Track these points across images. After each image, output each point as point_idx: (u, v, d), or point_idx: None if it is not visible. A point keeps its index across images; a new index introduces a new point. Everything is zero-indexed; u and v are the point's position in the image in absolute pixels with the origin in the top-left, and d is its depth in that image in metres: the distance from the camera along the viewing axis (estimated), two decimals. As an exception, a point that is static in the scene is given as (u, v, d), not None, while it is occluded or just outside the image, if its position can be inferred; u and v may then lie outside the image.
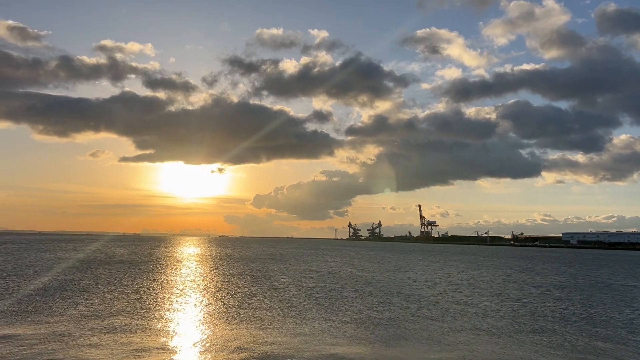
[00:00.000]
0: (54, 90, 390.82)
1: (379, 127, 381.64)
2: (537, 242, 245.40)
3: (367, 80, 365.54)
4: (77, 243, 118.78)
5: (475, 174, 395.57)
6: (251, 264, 50.43)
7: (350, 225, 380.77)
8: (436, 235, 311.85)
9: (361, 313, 19.86)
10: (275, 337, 14.58)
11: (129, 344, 13.30)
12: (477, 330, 17.23)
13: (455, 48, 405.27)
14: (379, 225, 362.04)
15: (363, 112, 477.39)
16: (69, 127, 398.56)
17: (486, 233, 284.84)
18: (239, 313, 18.88)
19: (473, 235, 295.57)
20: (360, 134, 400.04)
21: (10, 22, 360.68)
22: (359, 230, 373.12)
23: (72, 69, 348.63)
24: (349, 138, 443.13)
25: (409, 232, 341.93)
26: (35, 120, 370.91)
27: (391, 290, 28.56)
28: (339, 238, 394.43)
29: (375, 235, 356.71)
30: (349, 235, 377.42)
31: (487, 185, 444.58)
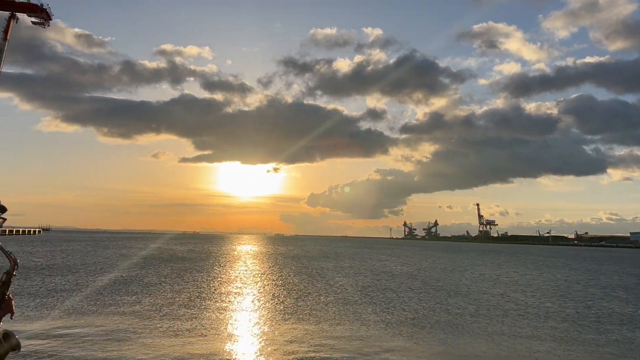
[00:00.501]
0: (117, 94, 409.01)
1: (434, 125, 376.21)
2: (602, 242, 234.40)
3: (422, 77, 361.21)
4: (139, 241, 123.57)
5: (536, 171, 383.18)
6: (306, 262, 50.87)
7: (405, 225, 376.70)
8: (495, 235, 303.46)
9: (417, 313, 19.66)
10: (331, 336, 14.67)
11: (189, 338, 13.73)
12: (538, 332, 16.68)
13: (514, 42, 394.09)
14: (435, 224, 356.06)
15: (418, 110, 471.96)
16: (131, 129, 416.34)
17: (548, 233, 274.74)
18: (295, 311, 19.09)
19: (534, 235, 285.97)
20: (415, 131, 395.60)
21: (76, 30, 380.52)
22: (415, 229, 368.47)
23: (134, 73, 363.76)
24: (404, 136, 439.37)
25: (467, 232, 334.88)
26: (100, 123, 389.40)
27: (448, 290, 28.09)
28: (394, 237, 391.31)
29: (432, 234, 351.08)
30: (404, 235, 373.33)
31: (548, 183, 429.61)
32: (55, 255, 52.18)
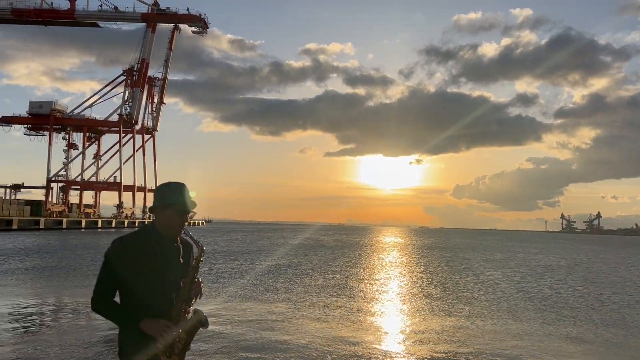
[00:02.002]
0: (267, 94, 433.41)
1: (594, 108, 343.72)
2: None
3: (579, 57, 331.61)
4: (290, 232, 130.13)
5: None
6: (452, 255, 49.59)
7: (562, 217, 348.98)
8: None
9: (578, 310, 18.23)
10: (482, 332, 14.21)
11: (338, 325, 14.22)
12: None
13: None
14: (598, 216, 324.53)
15: (574, 92, 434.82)
16: (280, 127, 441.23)
17: None
18: (442, 304, 18.81)
19: None
20: (572, 116, 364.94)
21: (230, 36, 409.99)
22: (574, 222, 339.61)
23: (282, 74, 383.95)
24: (559, 121, 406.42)
25: (636, 224, 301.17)
26: (253, 122, 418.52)
27: (613, 288, 25.56)
28: (550, 230, 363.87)
29: (594, 227, 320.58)
30: (562, 228, 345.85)
31: None
32: (219, 244, 57.20)
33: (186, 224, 3.54)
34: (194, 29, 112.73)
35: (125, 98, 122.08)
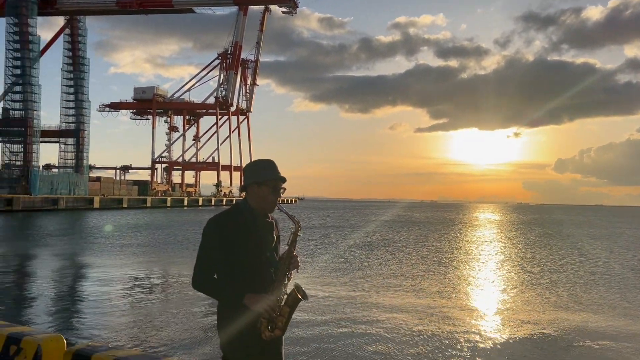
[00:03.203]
0: (356, 72, 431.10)
1: None
2: None
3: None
4: (381, 209, 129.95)
5: None
6: (554, 232, 47.04)
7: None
8: None
9: (701, 293, 16.60)
10: (589, 316, 13.38)
11: (431, 306, 14.01)
12: None
13: None
14: None
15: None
16: (369, 104, 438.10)
17: None
18: (546, 286, 17.93)
19: None
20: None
21: (319, 14, 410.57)
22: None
23: (371, 50, 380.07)
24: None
25: None
26: (342, 100, 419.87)
27: None
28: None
29: None
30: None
31: None
32: (312, 220, 58.48)
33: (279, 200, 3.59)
34: (283, 9, 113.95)
35: (221, 81, 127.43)
